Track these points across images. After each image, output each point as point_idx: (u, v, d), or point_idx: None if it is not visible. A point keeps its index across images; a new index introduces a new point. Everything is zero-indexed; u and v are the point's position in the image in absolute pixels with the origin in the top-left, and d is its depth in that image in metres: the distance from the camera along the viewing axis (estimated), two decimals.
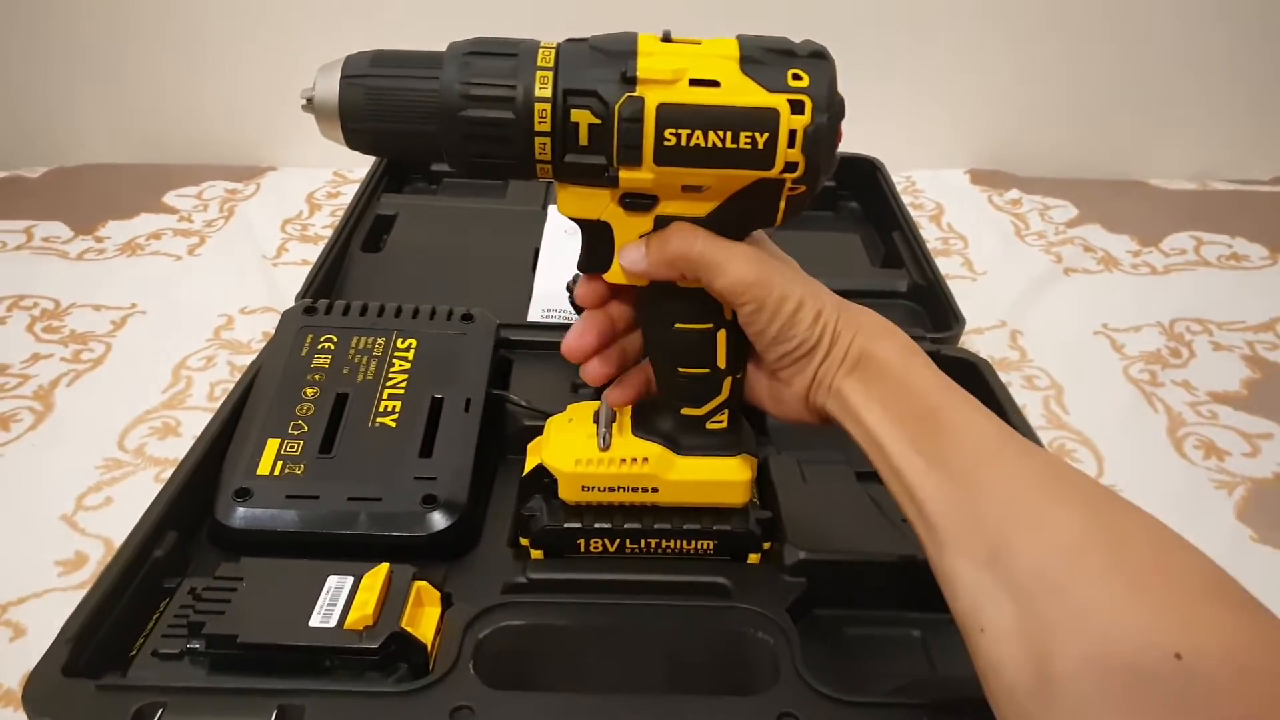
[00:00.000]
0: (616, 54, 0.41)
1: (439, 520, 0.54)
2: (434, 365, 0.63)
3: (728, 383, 0.49)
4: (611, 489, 0.51)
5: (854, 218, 1.01)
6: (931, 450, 0.40)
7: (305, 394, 0.60)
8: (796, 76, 0.41)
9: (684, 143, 0.40)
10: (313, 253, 0.91)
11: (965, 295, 0.81)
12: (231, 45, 1.11)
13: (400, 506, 0.54)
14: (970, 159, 1.20)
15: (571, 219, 0.45)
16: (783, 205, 0.43)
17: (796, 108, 0.40)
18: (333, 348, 0.64)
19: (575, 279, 0.74)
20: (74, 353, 0.76)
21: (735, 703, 0.44)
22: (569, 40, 0.42)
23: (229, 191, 1.06)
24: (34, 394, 0.71)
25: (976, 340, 0.83)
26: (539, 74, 0.40)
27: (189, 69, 1.12)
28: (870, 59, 1.10)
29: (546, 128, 0.41)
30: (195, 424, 0.68)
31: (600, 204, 0.44)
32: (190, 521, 0.54)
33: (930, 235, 1.01)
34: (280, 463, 0.56)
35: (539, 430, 0.55)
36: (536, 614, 0.48)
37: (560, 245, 0.86)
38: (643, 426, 0.51)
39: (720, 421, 0.50)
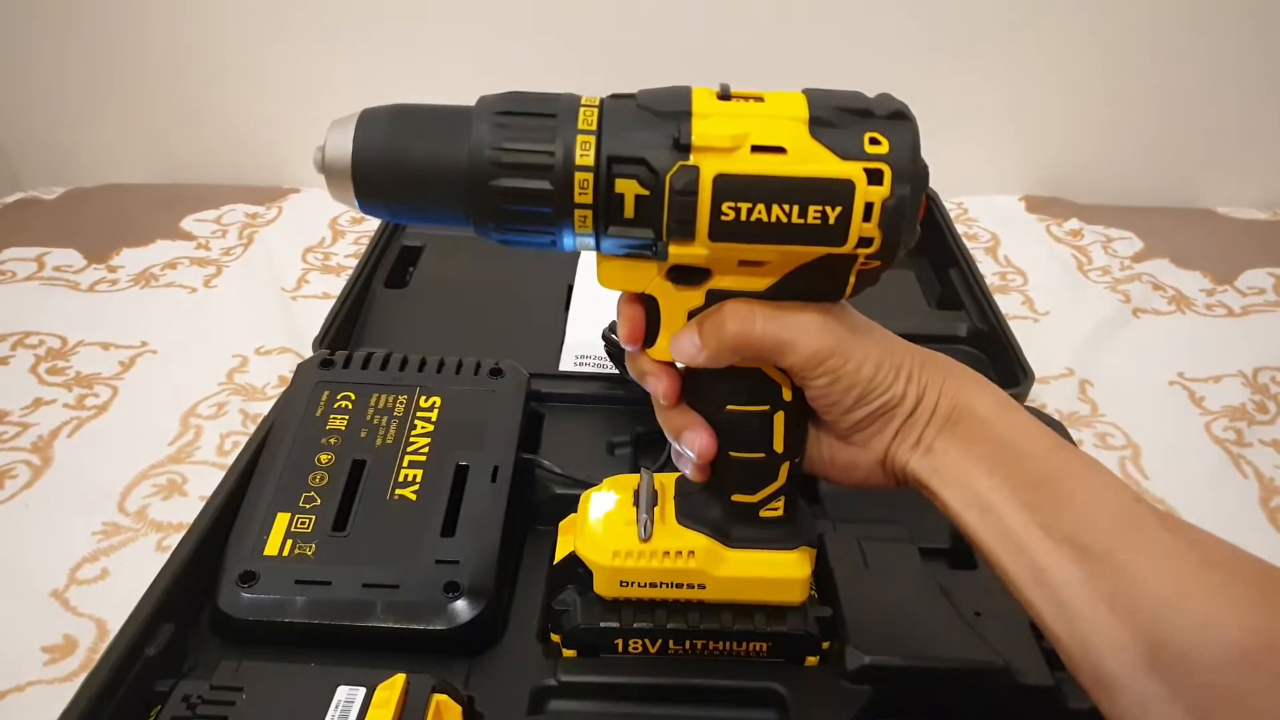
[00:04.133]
0: (668, 115, 0.35)
1: (463, 611, 0.48)
2: (459, 427, 0.58)
3: (785, 468, 0.43)
4: (653, 584, 0.46)
5: (907, 252, 0.95)
6: (1056, 523, 0.35)
7: (319, 460, 0.55)
8: (874, 141, 0.35)
9: (744, 217, 0.35)
10: (334, 284, 0.87)
11: (1028, 339, 0.75)
12: (256, 62, 1.07)
13: (420, 595, 0.49)
14: (1026, 184, 1.13)
15: (613, 290, 0.40)
16: (852, 280, 0.38)
17: (874, 178, 0.35)
18: (350, 406, 0.59)
19: (612, 326, 0.69)
20: (78, 398, 0.71)
21: None
22: (614, 96, 0.37)
23: (249, 216, 1.01)
24: (32, 446, 0.66)
25: (1043, 391, 0.77)
26: (580, 138, 0.35)
27: (213, 86, 1.09)
28: (920, 77, 1.04)
29: (588, 199, 0.35)
30: (202, 482, 0.63)
31: (646, 277, 0.39)
32: (189, 608, 0.49)
33: (987, 270, 0.94)
34: (290, 542, 0.51)
35: (572, 499, 0.50)
36: None
37: (595, 281, 0.81)
38: (688, 514, 0.46)
39: (775, 509, 0.44)
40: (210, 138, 1.12)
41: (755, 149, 0.35)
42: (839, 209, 0.35)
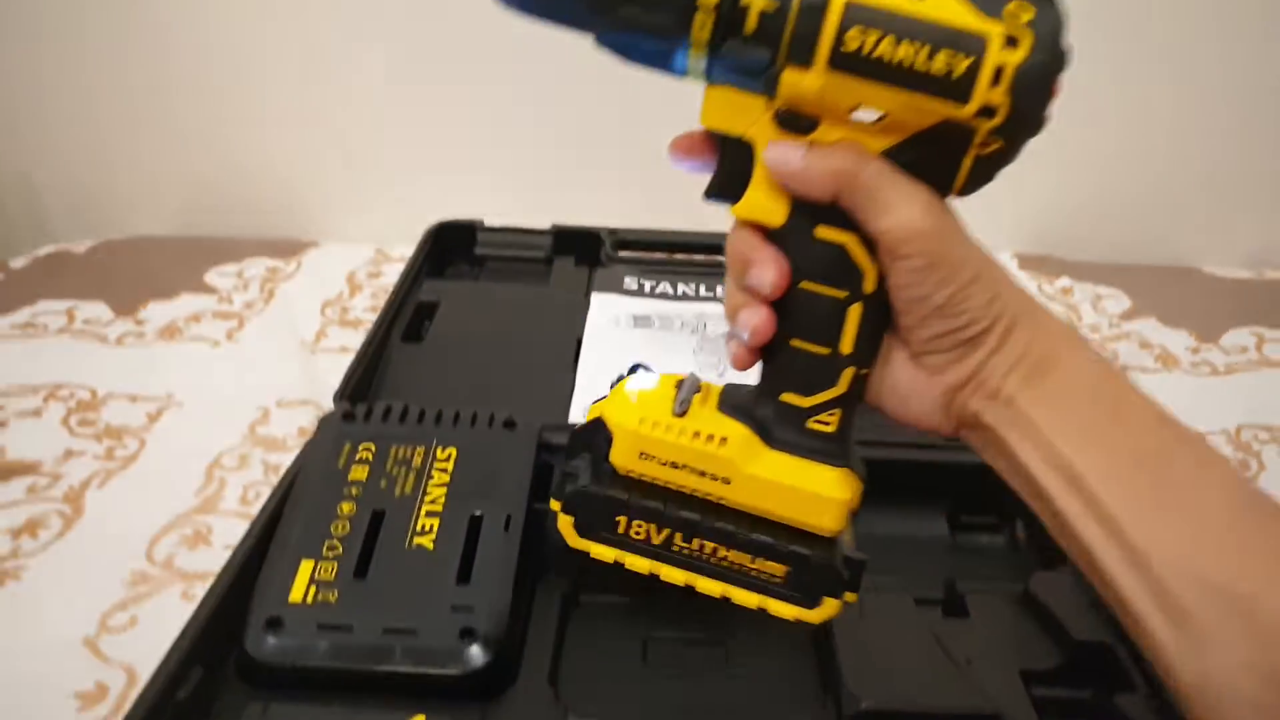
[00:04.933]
0: None
1: (477, 656, 0.51)
2: (474, 477, 0.61)
3: (848, 374, 0.39)
4: (674, 465, 0.41)
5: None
6: (1166, 508, 0.32)
7: (341, 510, 0.58)
8: (1021, 8, 0.34)
9: (867, 49, 0.34)
10: (352, 338, 0.90)
11: None
12: (278, 115, 1.12)
13: (436, 640, 0.51)
14: (1017, 242, 1.17)
15: (710, 130, 0.38)
16: (968, 164, 0.36)
17: (1011, 42, 0.33)
18: (371, 458, 0.62)
19: (620, 379, 0.72)
20: (107, 449, 0.74)
21: None
22: None
23: (270, 270, 1.05)
24: (64, 496, 0.69)
25: None
26: None
27: (236, 139, 1.13)
28: None
29: (712, 2, 0.34)
30: (226, 531, 0.66)
31: (750, 117, 0.37)
32: (218, 652, 0.52)
33: None
34: (314, 588, 0.53)
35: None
36: None
37: (603, 336, 0.84)
38: (732, 405, 0.42)
39: (827, 423, 0.40)
40: (232, 189, 1.16)
41: None
42: (969, 60, 0.33)
